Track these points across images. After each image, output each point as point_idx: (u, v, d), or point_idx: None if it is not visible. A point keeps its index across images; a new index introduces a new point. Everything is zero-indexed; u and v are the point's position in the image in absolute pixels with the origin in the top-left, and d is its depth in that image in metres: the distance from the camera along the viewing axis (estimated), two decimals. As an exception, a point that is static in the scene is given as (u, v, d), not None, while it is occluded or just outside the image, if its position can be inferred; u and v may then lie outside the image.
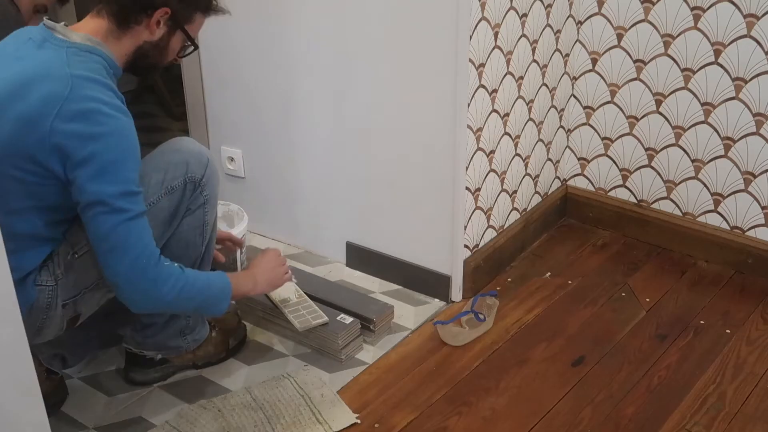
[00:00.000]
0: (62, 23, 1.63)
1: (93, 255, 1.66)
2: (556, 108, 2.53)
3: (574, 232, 2.65)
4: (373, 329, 2.10)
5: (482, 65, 2.10)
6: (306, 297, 2.14)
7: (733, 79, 2.25)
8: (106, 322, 1.97)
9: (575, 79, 2.55)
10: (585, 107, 2.57)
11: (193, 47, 1.75)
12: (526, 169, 2.47)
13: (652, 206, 2.55)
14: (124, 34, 1.64)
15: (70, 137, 1.51)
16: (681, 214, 2.50)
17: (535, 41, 2.31)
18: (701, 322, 2.20)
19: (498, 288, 2.35)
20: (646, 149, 2.49)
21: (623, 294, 2.32)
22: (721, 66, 2.26)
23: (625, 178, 2.57)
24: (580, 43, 2.49)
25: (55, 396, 1.87)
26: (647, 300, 2.29)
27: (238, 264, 2.27)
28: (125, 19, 1.62)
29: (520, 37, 2.23)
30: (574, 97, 2.57)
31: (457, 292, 2.28)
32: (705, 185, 2.42)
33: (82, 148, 1.51)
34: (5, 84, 1.55)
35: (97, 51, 1.60)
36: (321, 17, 2.22)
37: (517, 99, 2.31)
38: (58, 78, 1.53)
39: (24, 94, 1.52)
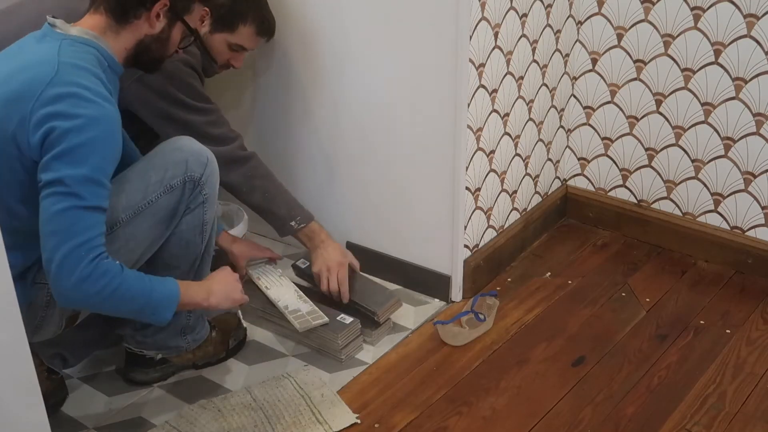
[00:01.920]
0: (61, 20, 1.64)
1: None
2: (556, 108, 2.53)
3: (574, 232, 2.65)
4: (379, 321, 2.09)
5: (482, 65, 2.10)
6: (306, 297, 2.14)
7: (733, 79, 2.25)
8: (106, 321, 1.97)
9: (575, 79, 2.55)
10: (585, 107, 2.57)
11: (193, 38, 1.78)
12: (526, 169, 2.47)
13: (652, 206, 2.55)
14: (123, 29, 1.65)
15: (48, 118, 1.49)
16: (681, 214, 2.50)
17: (535, 41, 2.31)
18: (701, 322, 2.20)
19: (498, 288, 2.35)
20: (646, 149, 2.49)
21: (623, 294, 2.32)
22: (721, 66, 2.26)
23: (625, 178, 2.57)
24: (580, 43, 2.49)
25: (55, 396, 1.87)
26: (647, 300, 2.29)
27: None
28: (124, 14, 1.63)
29: (520, 37, 2.23)
30: (574, 97, 2.57)
31: (457, 292, 2.28)
32: (705, 185, 2.42)
33: (56, 128, 1.48)
34: (1, 76, 1.57)
35: (91, 43, 1.61)
36: (321, 17, 2.22)
37: (517, 99, 2.31)
38: (46, 63, 1.53)
39: (11, 80, 1.54)
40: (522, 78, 2.30)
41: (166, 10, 1.67)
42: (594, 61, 2.49)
